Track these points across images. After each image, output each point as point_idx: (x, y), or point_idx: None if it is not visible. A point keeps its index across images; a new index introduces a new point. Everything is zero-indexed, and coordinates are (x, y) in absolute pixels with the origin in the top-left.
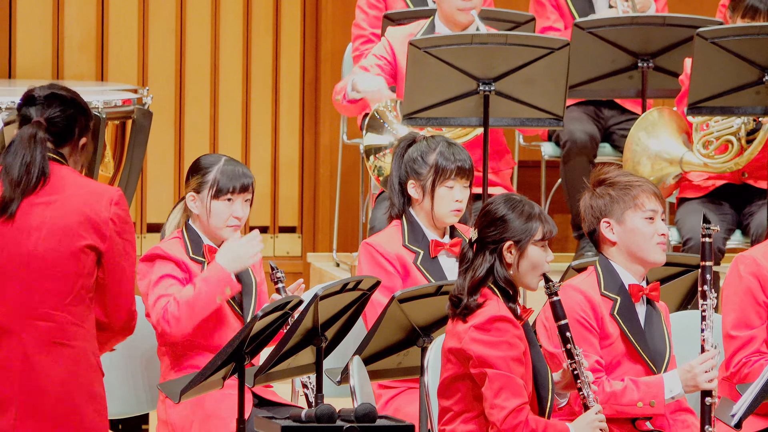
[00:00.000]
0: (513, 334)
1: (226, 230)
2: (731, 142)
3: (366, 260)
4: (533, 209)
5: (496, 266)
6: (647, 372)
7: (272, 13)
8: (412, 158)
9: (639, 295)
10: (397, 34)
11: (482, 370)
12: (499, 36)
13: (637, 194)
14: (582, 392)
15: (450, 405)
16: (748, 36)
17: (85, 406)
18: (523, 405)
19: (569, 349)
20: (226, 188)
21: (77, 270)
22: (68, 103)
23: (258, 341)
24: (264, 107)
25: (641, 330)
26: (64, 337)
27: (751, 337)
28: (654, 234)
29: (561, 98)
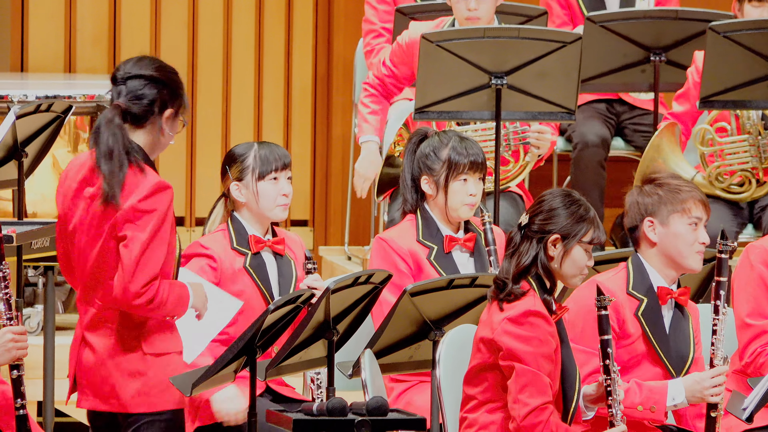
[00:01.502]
0: (546, 330)
1: (278, 209)
2: (749, 179)
3: (378, 256)
4: (588, 212)
5: (541, 256)
6: (666, 375)
7: (284, 8)
8: (424, 154)
9: (667, 298)
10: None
11: (511, 363)
12: (512, 30)
13: (685, 199)
14: (611, 410)
15: (475, 393)
16: (760, 30)
17: (125, 385)
18: (546, 404)
19: (607, 365)
20: (269, 168)
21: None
22: (144, 80)
23: (270, 335)
24: (276, 101)
25: (665, 333)
26: (108, 320)
27: (765, 326)
28: (695, 241)
29: (573, 92)
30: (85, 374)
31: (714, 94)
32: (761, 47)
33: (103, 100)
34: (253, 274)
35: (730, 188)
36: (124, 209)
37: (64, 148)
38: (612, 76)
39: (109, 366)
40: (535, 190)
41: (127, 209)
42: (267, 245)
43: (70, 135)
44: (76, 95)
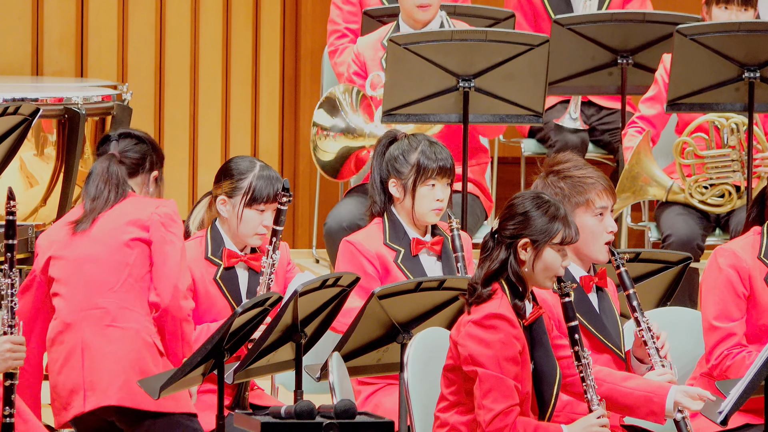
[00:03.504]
0: (509, 333)
1: (255, 238)
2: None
3: (345, 258)
4: (558, 211)
5: (510, 261)
6: (614, 359)
7: (252, 8)
8: (393, 156)
9: (590, 285)
10: (366, 42)
11: (474, 368)
12: (479, 32)
13: (588, 191)
14: (587, 395)
15: (448, 394)
16: (728, 33)
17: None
18: (511, 408)
19: (577, 352)
20: (261, 198)
21: (123, 259)
22: (140, 140)
23: (238, 337)
24: (244, 103)
25: (600, 319)
26: (114, 320)
27: (732, 329)
28: (602, 232)
29: (540, 95)
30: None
31: (681, 97)
32: (729, 50)
33: (71, 102)
34: (222, 286)
35: (708, 201)
36: None
37: (31, 151)
38: (579, 79)
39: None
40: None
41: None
42: (242, 260)
43: (38, 138)
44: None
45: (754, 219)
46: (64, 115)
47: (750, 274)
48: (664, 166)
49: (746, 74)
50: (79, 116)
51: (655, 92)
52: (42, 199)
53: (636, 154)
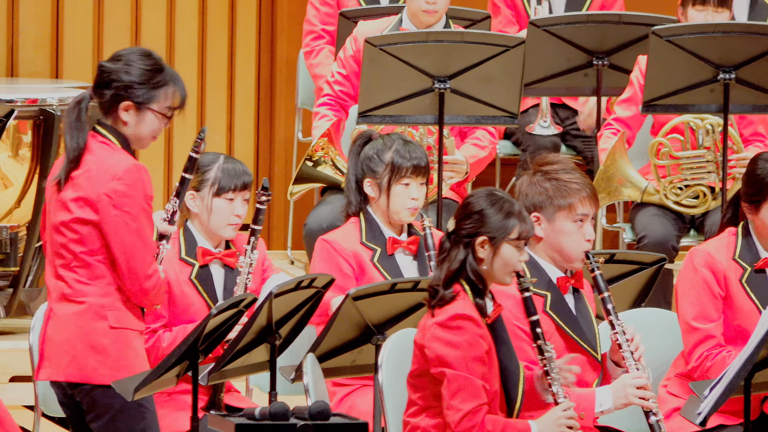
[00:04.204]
0: (475, 333)
1: (228, 229)
2: (704, 193)
3: (321, 257)
4: (513, 207)
5: (469, 260)
6: (589, 360)
7: (228, 12)
8: (368, 156)
9: (567, 286)
10: (368, 29)
11: (441, 369)
12: (455, 33)
13: (571, 196)
14: (552, 388)
15: (416, 398)
16: (703, 34)
17: (86, 357)
18: (479, 407)
19: (540, 346)
20: (228, 186)
21: (70, 239)
22: (107, 69)
23: (212, 339)
24: (219, 106)
25: (576, 321)
26: (72, 294)
27: (711, 330)
28: (580, 239)
29: (516, 96)
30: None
31: (657, 98)
32: (704, 51)
33: (46, 104)
34: (198, 286)
35: (683, 202)
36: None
37: (5, 152)
38: (555, 80)
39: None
40: None
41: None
42: (216, 257)
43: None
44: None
45: (729, 220)
46: (40, 117)
47: (725, 275)
48: (639, 168)
49: (721, 75)
50: (54, 117)
51: (631, 94)
52: (17, 201)
53: (611, 156)
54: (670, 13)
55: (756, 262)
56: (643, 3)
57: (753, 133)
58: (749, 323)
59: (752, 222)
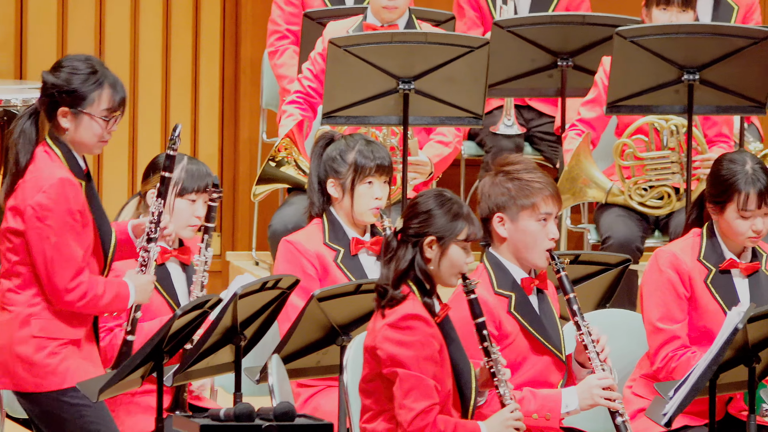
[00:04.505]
0: (426, 332)
1: (188, 230)
2: (668, 194)
3: (285, 258)
4: (462, 209)
5: (417, 259)
6: (554, 361)
7: (192, 12)
8: (331, 157)
9: (531, 287)
10: (337, 29)
11: (393, 369)
12: (419, 34)
13: (534, 195)
14: (499, 390)
15: (370, 404)
16: (667, 35)
17: (14, 365)
18: (431, 406)
19: (486, 347)
20: (191, 187)
21: (7, 248)
22: (45, 79)
23: (177, 340)
24: (183, 106)
25: (540, 321)
26: (4, 302)
27: (676, 331)
28: (544, 238)
29: (480, 97)
30: None
31: (621, 99)
32: (668, 52)
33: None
34: (158, 285)
35: (647, 203)
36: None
37: None
38: (519, 81)
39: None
40: None
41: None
42: (172, 255)
43: None
44: None
45: (693, 221)
46: (4, 117)
47: (690, 276)
48: (603, 169)
49: (685, 76)
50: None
51: (595, 95)
52: None
53: (576, 156)
54: (634, 14)
55: (721, 263)
56: (608, 4)
57: (717, 134)
58: (714, 324)
59: (717, 223)
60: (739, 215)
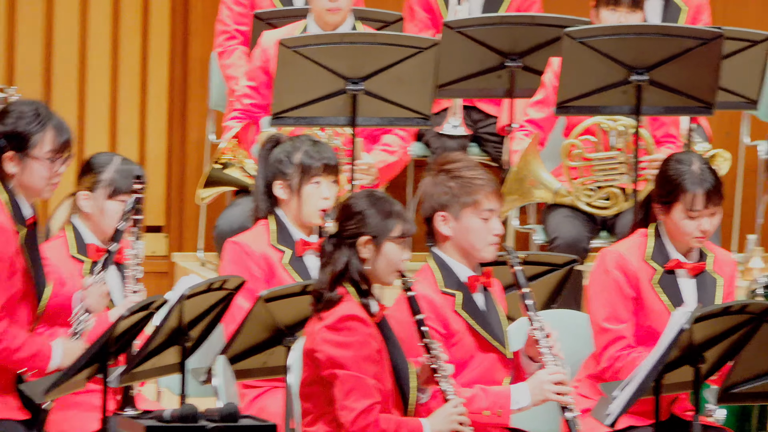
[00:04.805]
0: (364, 332)
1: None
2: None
3: (231, 260)
4: (393, 207)
5: (352, 260)
6: (501, 358)
7: (141, 12)
8: (277, 159)
9: (476, 285)
10: (273, 38)
11: (333, 371)
12: (368, 35)
13: (476, 192)
14: (441, 386)
15: (310, 407)
16: (616, 35)
17: None
18: (372, 405)
19: (427, 344)
20: (121, 189)
21: None
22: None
23: (123, 341)
24: (132, 107)
25: (486, 320)
26: None
27: (622, 331)
28: (488, 234)
29: (429, 98)
30: None
31: (570, 100)
32: (617, 53)
33: None
34: None
35: (595, 203)
36: None
37: None
38: (468, 82)
39: None
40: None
41: None
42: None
43: None
44: None
45: (640, 221)
46: None
47: (636, 276)
48: (551, 169)
49: (634, 77)
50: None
51: (543, 95)
52: None
53: (524, 157)
54: (583, 15)
55: (667, 263)
56: (559, 5)
57: (665, 134)
58: (660, 324)
59: (663, 223)
60: (686, 215)
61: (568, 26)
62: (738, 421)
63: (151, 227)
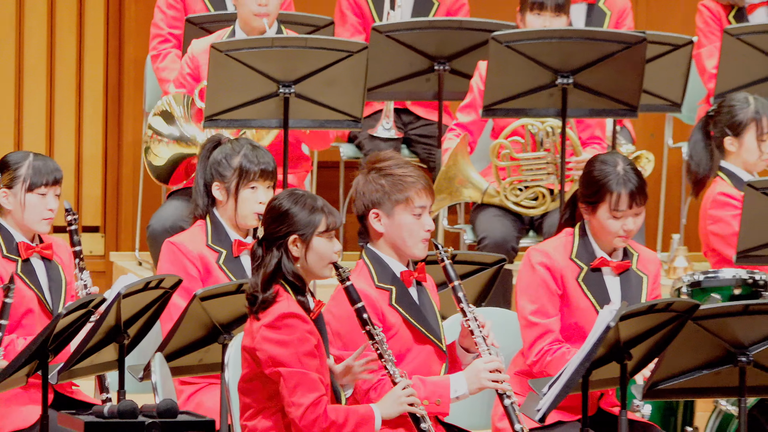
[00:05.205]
0: (303, 329)
1: (42, 223)
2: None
3: (168, 259)
4: (316, 202)
5: (284, 260)
6: (436, 350)
7: (76, 15)
8: (216, 161)
9: (410, 279)
10: (201, 47)
11: (276, 369)
12: (299, 39)
13: (408, 189)
14: (387, 369)
15: (250, 402)
16: (541, 39)
17: None
18: (319, 398)
19: (369, 331)
20: (40, 181)
21: None
22: None
23: (62, 338)
24: (68, 110)
25: (421, 313)
26: None
27: (549, 325)
28: (420, 230)
29: (359, 100)
30: None
31: (497, 103)
32: (542, 56)
33: None
34: (26, 279)
35: (522, 203)
36: None
37: None
38: (397, 85)
39: None
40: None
41: None
42: (36, 251)
43: None
44: None
45: (566, 221)
46: None
47: (562, 274)
48: (480, 171)
49: (559, 80)
50: None
51: (471, 99)
52: None
53: (452, 157)
54: (510, 20)
55: (592, 262)
56: (486, 10)
57: (590, 136)
58: (586, 321)
59: (589, 222)
60: (610, 215)
61: (495, 30)
62: (663, 417)
63: (88, 227)
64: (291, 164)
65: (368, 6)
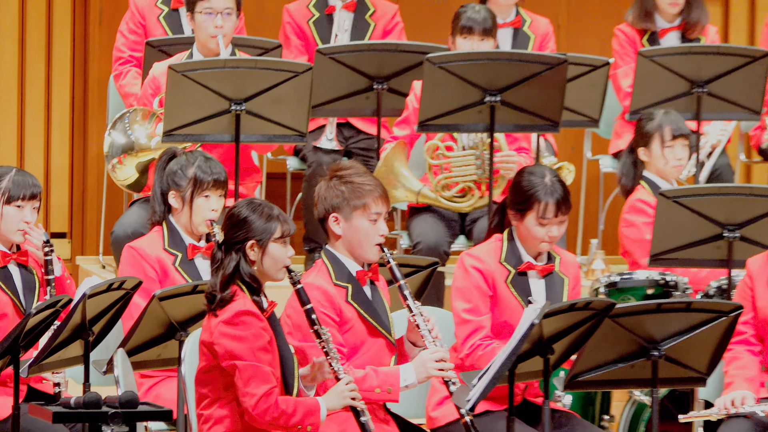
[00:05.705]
0: (257, 326)
1: (18, 234)
2: (471, 189)
3: (128, 263)
4: (272, 211)
5: (242, 263)
6: (387, 343)
7: (44, 40)
8: (172, 171)
9: (365, 279)
10: (162, 69)
11: (232, 362)
12: (250, 60)
13: (365, 196)
14: (332, 366)
15: (207, 392)
16: (470, 61)
17: None
18: (271, 389)
19: (317, 330)
20: (18, 195)
21: None
22: None
23: (32, 335)
24: (37, 126)
25: (374, 309)
26: None
27: (481, 322)
28: (375, 235)
29: (305, 117)
30: None
31: (431, 119)
32: (472, 76)
33: None
34: (2, 285)
35: (453, 198)
36: None
37: None
38: (339, 103)
39: None
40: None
41: None
42: (12, 258)
43: None
44: None
45: (495, 226)
46: None
47: (493, 276)
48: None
49: (488, 98)
50: None
51: (407, 115)
52: None
53: (387, 159)
54: (443, 43)
55: (519, 265)
56: (420, 33)
57: (518, 148)
58: (514, 319)
59: (516, 228)
60: (537, 222)
61: (428, 53)
62: (583, 406)
63: (56, 233)
64: (242, 175)
65: (310, 30)
